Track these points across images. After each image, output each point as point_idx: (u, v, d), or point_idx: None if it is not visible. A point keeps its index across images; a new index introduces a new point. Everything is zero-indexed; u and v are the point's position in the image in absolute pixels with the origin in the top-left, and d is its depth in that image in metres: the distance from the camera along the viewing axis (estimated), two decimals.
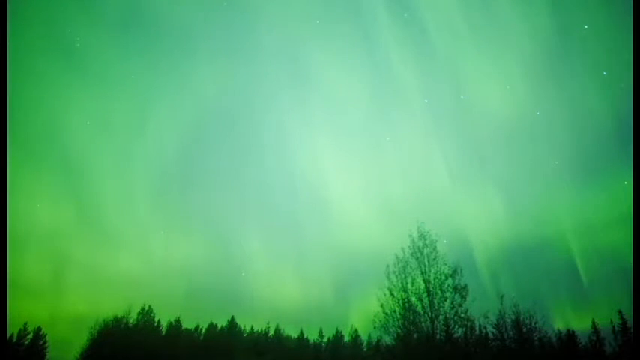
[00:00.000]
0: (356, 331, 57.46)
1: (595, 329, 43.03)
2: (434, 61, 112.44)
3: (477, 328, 28.23)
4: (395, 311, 21.82)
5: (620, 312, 42.29)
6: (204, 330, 58.71)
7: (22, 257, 71.70)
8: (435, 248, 22.69)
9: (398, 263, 22.98)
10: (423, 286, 21.79)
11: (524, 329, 28.71)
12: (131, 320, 51.43)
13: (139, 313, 53.62)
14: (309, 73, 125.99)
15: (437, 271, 21.92)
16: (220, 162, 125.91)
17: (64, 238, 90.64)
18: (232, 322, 59.30)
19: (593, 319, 43.82)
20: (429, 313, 21.03)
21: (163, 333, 55.37)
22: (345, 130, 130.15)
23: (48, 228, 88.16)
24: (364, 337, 56.03)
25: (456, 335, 21.57)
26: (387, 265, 23.15)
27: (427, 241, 22.95)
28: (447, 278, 21.63)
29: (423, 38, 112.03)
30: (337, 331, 59.74)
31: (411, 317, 21.29)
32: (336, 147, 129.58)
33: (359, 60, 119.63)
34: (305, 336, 61.22)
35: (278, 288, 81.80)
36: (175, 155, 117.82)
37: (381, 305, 22.23)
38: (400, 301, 21.90)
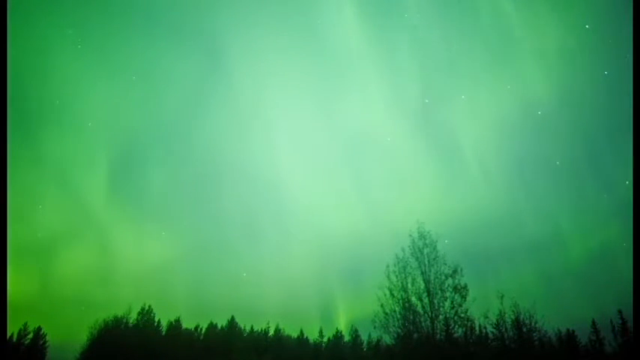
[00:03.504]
0: (356, 331, 57.49)
1: (595, 329, 43.01)
2: (435, 61, 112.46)
3: (477, 328, 28.27)
4: (395, 311, 21.85)
5: (620, 312, 42.29)
6: (204, 330, 58.68)
7: (23, 257, 71.82)
8: (435, 248, 22.74)
9: (398, 263, 23.04)
10: (423, 286, 21.83)
11: (524, 329, 28.66)
12: (131, 320, 51.43)
13: (139, 313, 53.57)
14: (309, 71, 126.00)
15: (437, 271, 21.96)
16: (221, 164, 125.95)
17: (64, 237, 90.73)
18: (232, 322, 59.26)
19: (593, 319, 43.83)
20: (429, 313, 21.04)
21: (163, 333, 55.31)
22: (344, 130, 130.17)
23: (48, 228, 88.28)
24: (364, 337, 56.10)
25: (456, 335, 21.59)
26: (387, 265, 23.20)
27: (427, 241, 23.02)
28: (447, 278, 21.68)
29: (424, 39, 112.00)
30: (337, 331, 59.79)
31: (411, 317, 21.30)
32: (335, 146, 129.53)
33: (359, 59, 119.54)
34: (305, 336, 61.28)
35: (277, 287, 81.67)
36: (177, 156, 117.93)
37: (381, 305, 22.29)
38: (400, 301, 21.92)
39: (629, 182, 61.69)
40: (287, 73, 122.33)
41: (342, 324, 63.62)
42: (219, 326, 59.29)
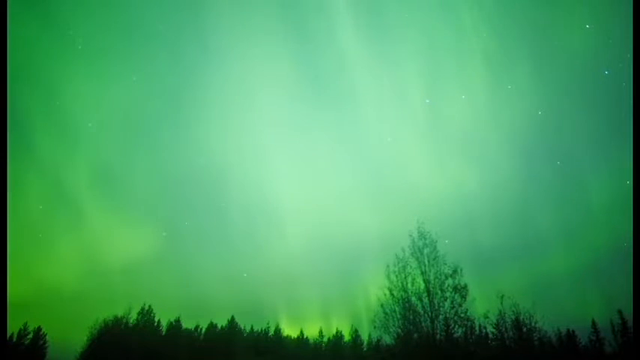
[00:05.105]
0: (356, 331, 57.52)
1: (595, 329, 43.02)
2: (436, 61, 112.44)
3: (477, 328, 28.23)
4: (395, 311, 21.84)
5: (620, 312, 42.30)
6: (204, 330, 58.68)
7: (23, 257, 71.85)
8: (435, 248, 22.69)
9: (398, 263, 22.99)
10: (423, 286, 21.78)
11: (524, 329, 28.65)
12: (131, 320, 51.39)
13: (138, 313, 53.56)
14: (308, 71, 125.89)
15: (437, 271, 21.90)
16: (221, 165, 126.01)
17: (64, 237, 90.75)
18: (232, 322, 59.27)
19: (593, 319, 43.86)
20: (429, 313, 21.01)
21: (163, 333, 55.31)
22: (345, 130, 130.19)
23: (48, 228, 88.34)
24: (364, 337, 56.14)
25: (456, 335, 21.54)
26: (387, 265, 23.18)
27: (427, 241, 22.96)
28: (447, 278, 21.63)
29: (425, 39, 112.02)
30: (337, 331, 59.81)
31: (411, 317, 21.28)
32: (336, 146, 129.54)
33: (359, 59, 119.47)
34: (305, 336, 61.30)
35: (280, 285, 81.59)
36: (176, 156, 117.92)
37: (381, 305, 22.29)
38: (400, 301, 21.90)
39: (629, 182, 61.64)
40: (285, 73, 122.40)
41: (342, 324, 63.57)
42: (219, 326, 59.28)
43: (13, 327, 50.03)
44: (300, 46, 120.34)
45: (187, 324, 58.00)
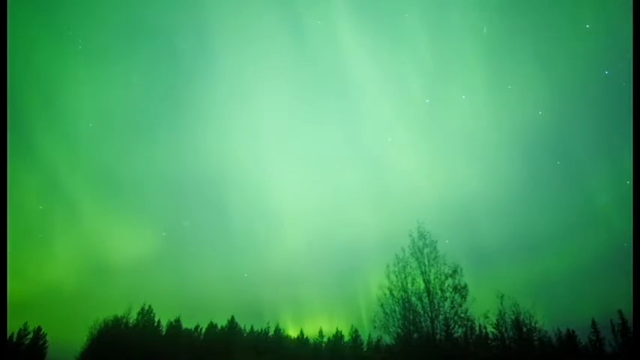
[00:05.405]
0: (356, 331, 57.50)
1: (595, 329, 43.05)
2: (436, 60, 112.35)
3: (477, 328, 28.30)
4: (395, 311, 21.87)
5: (620, 312, 42.34)
6: (204, 330, 58.70)
7: (23, 257, 71.91)
8: (435, 248, 22.73)
9: (398, 263, 23.05)
10: (423, 286, 21.83)
11: (524, 329, 28.69)
12: (131, 320, 51.42)
13: (138, 313, 53.58)
14: (308, 71, 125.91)
15: (437, 271, 21.96)
16: (221, 165, 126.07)
17: (64, 237, 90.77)
18: (232, 322, 59.29)
19: (593, 319, 43.89)
20: (429, 313, 21.04)
21: (163, 333, 55.33)
22: (344, 130, 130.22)
23: (49, 228, 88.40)
24: (364, 337, 56.15)
25: (456, 335, 21.57)
26: (387, 265, 23.21)
27: (427, 241, 23.00)
28: (447, 278, 21.67)
29: (425, 38, 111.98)
30: (337, 331, 59.79)
31: (411, 317, 21.30)
32: (336, 146, 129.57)
33: (359, 59, 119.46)
34: (305, 336, 61.31)
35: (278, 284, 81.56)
36: (177, 157, 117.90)
37: (381, 305, 22.33)
38: (400, 301, 21.93)
39: (629, 182, 61.65)
40: (284, 74, 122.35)
41: (342, 324, 63.59)
42: (219, 326, 59.30)
43: (13, 327, 50.15)
44: (300, 47, 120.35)
45: (187, 324, 58.12)
